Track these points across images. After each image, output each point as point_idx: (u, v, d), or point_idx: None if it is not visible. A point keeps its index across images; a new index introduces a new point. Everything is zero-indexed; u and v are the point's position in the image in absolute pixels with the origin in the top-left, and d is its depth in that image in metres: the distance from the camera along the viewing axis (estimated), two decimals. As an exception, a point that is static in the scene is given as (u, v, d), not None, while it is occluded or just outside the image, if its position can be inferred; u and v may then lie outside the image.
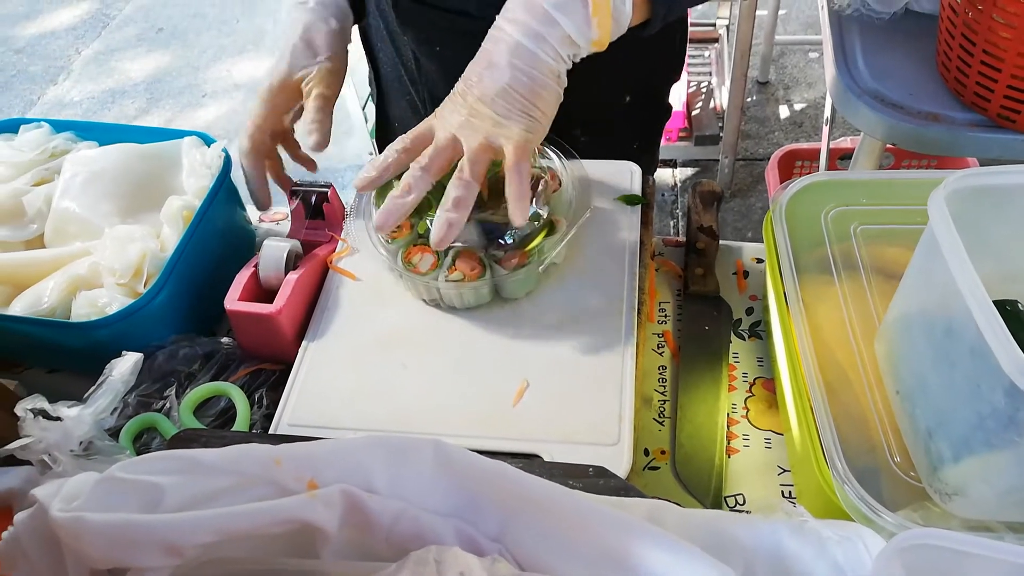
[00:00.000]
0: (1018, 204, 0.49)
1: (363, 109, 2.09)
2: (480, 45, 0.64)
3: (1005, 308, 0.48)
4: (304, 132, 0.74)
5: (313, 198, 0.76)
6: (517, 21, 0.60)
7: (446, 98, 0.64)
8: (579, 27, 0.60)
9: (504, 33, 0.60)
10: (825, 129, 1.40)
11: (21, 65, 3.06)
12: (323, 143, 0.74)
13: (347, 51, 0.80)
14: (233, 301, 0.69)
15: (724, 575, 0.45)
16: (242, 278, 0.71)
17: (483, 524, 0.49)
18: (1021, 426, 0.41)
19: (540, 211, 0.71)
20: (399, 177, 0.70)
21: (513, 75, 0.60)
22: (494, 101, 0.60)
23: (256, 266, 0.72)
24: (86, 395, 0.59)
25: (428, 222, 0.70)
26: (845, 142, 1.90)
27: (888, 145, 1.05)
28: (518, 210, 0.61)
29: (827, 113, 1.38)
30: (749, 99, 2.46)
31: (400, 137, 0.66)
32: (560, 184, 0.75)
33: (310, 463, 0.48)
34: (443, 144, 0.62)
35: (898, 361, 0.53)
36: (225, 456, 0.47)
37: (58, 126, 0.85)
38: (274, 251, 0.72)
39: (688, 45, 1.03)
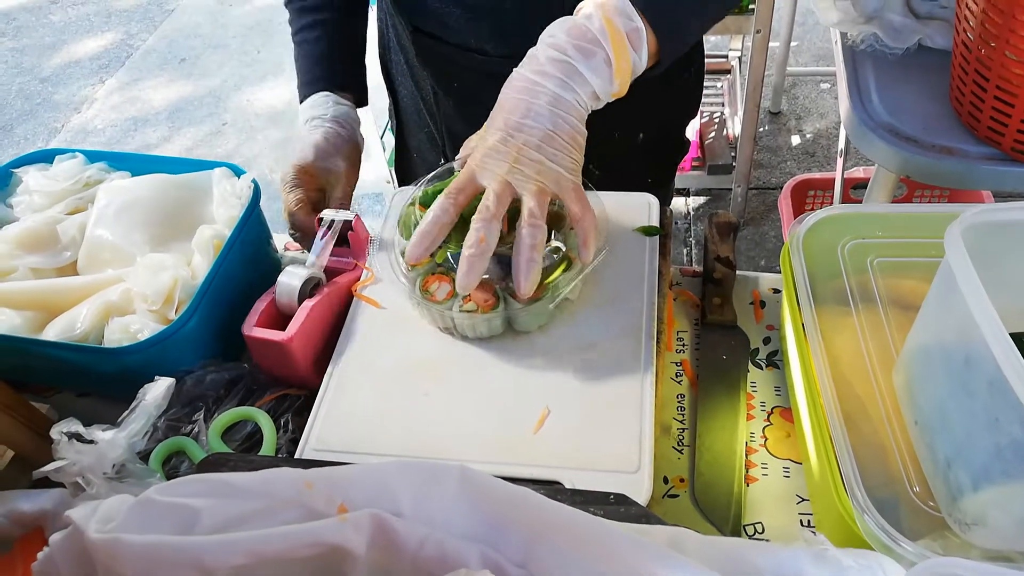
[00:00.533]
0: (1033, 239, 0.51)
1: (381, 138, 2.12)
2: (496, 82, 0.66)
3: (1022, 341, 0.49)
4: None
5: (339, 226, 0.78)
6: (551, 76, 0.63)
7: (483, 145, 0.65)
8: (604, 86, 0.64)
9: (540, 86, 0.63)
10: (839, 161, 1.41)
11: (46, 94, 3.13)
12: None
13: (360, 156, 0.88)
14: (250, 327, 0.71)
15: (746, 602, 0.46)
16: (260, 304, 0.73)
17: (508, 549, 0.50)
18: (1039, 457, 0.42)
19: (559, 245, 0.73)
20: (423, 204, 0.72)
21: (555, 121, 0.63)
22: (541, 146, 0.63)
23: (275, 293, 0.74)
24: (120, 419, 0.61)
25: (449, 255, 0.72)
26: (858, 172, 1.91)
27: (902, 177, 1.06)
28: (589, 239, 0.67)
29: (841, 144, 1.40)
30: (761, 129, 2.48)
31: (444, 192, 0.67)
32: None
33: (340, 487, 0.49)
34: (499, 191, 0.64)
35: (916, 392, 0.54)
36: (257, 479, 0.48)
37: (92, 156, 0.88)
38: (290, 278, 0.74)
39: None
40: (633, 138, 0.97)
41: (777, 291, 0.83)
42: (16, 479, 0.69)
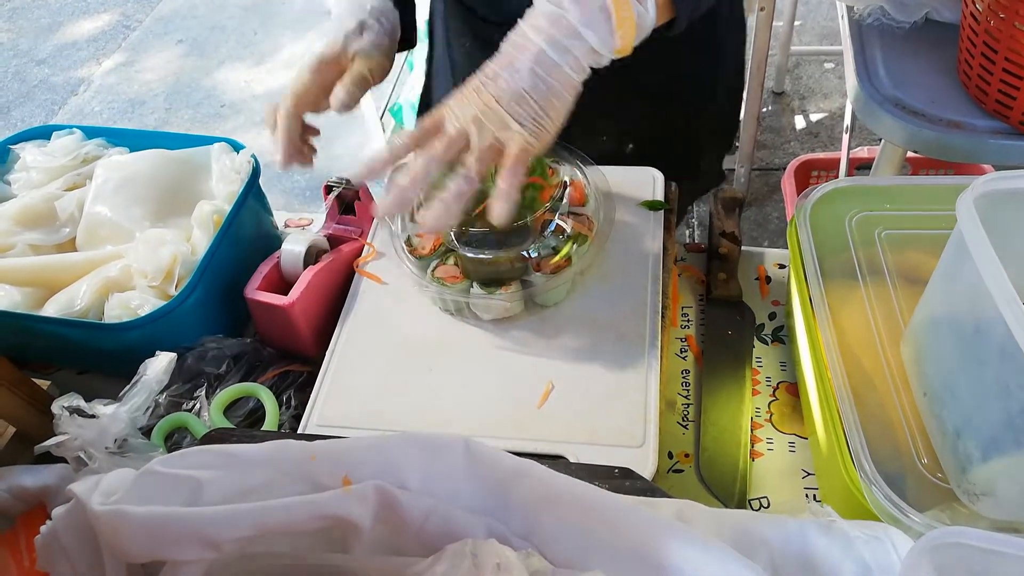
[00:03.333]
0: (1045, 207, 0.50)
1: (380, 118, 2.11)
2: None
3: (1033, 310, 0.49)
4: (337, 91, 0.72)
5: (346, 195, 0.78)
6: (542, 30, 0.60)
7: (458, 90, 0.63)
8: (603, 39, 0.60)
9: (529, 40, 0.61)
10: (845, 137, 1.40)
11: (43, 76, 3.10)
12: (349, 105, 0.72)
13: (395, 51, 0.79)
14: (252, 290, 0.71)
15: (752, 571, 0.46)
16: (264, 268, 0.73)
17: (513, 522, 0.50)
18: (1052, 425, 0.41)
19: (563, 223, 0.72)
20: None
21: (533, 81, 0.60)
22: (509, 104, 0.60)
23: (279, 258, 0.73)
24: (121, 393, 0.60)
25: (453, 234, 0.71)
26: (862, 152, 1.90)
27: (908, 154, 1.05)
28: (501, 209, 0.60)
29: (847, 121, 1.38)
30: (764, 109, 2.46)
31: (410, 126, 0.65)
32: (586, 196, 0.76)
33: (344, 459, 0.49)
34: (454, 136, 0.61)
35: (925, 363, 0.53)
36: (262, 451, 0.48)
37: (89, 132, 0.87)
38: (294, 244, 0.73)
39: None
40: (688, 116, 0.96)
41: (783, 267, 0.82)
42: (18, 455, 0.68)
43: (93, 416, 0.59)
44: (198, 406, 0.68)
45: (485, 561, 0.38)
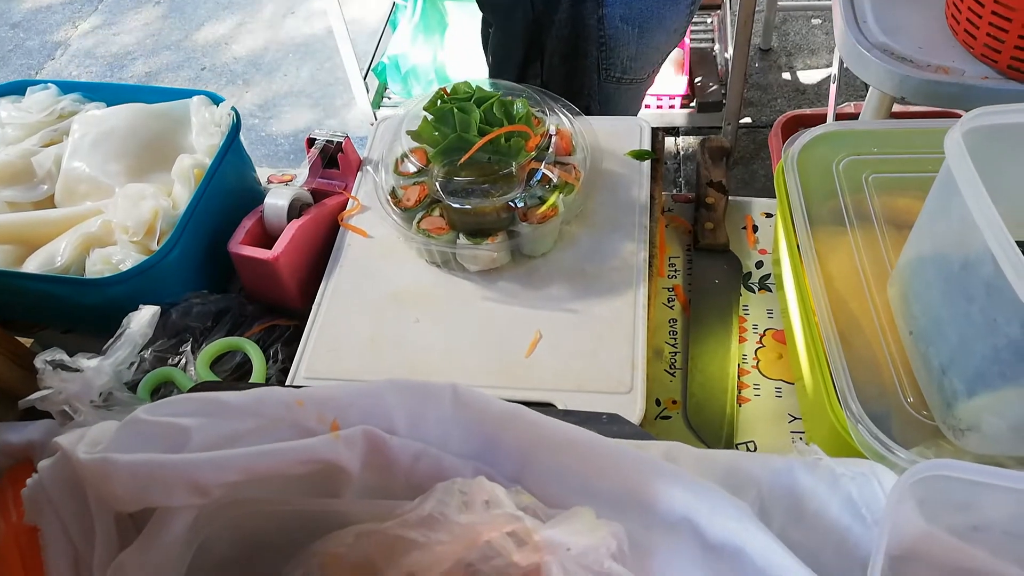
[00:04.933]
0: (1033, 144, 0.49)
1: (364, 78, 2.08)
2: None
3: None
4: None
5: (329, 148, 0.77)
6: None
7: None
8: None
9: None
10: (832, 88, 1.39)
11: (18, 40, 3.03)
12: None
13: None
14: (236, 244, 0.70)
15: (740, 509, 0.46)
16: (247, 223, 0.72)
17: (502, 465, 0.50)
18: (1036, 358, 0.41)
19: (549, 173, 0.71)
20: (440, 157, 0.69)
21: None
22: None
23: (262, 212, 0.72)
24: (105, 347, 0.60)
25: (438, 183, 0.70)
26: (848, 107, 1.89)
27: (896, 103, 1.04)
28: None
29: (834, 71, 1.37)
30: (752, 66, 2.44)
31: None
32: (572, 145, 0.75)
33: (331, 405, 0.48)
34: None
35: (912, 301, 0.53)
36: (248, 398, 0.47)
37: (65, 87, 0.85)
38: (277, 198, 0.72)
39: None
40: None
41: (769, 215, 0.82)
42: (1, 414, 0.68)
43: (77, 370, 0.58)
44: (184, 361, 0.68)
45: (474, 498, 0.38)
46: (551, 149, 0.73)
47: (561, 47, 0.96)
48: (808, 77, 2.42)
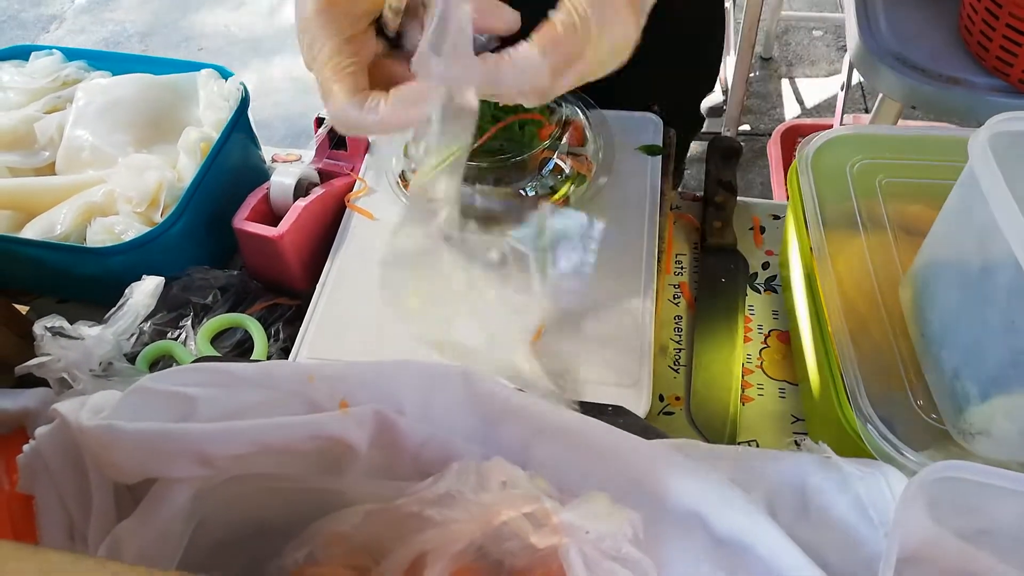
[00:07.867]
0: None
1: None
2: None
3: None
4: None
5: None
6: None
7: None
8: None
9: None
10: (841, 95, 1.40)
11: (12, 11, 2.99)
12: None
13: None
14: (241, 220, 0.69)
15: (750, 504, 0.46)
16: (252, 200, 0.71)
17: (510, 453, 0.49)
18: (1055, 362, 0.41)
19: (561, 164, 0.71)
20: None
21: None
22: None
23: (268, 189, 0.71)
24: (107, 316, 0.59)
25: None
26: (848, 121, 1.90)
27: (905, 113, 1.05)
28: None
29: (843, 78, 1.38)
30: (752, 74, 2.45)
31: None
32: (585, 136, 0.75)
33: (342, 382, 0.48)
34: None
35: (924, 304, 0.53)
36: (259, 370, 0.47)
37: (70, 54, 0.84)
38: (283, 177, 0.72)
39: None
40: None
41: (777, 217, 0.82)
42: (-4, 381, 0.66)
43: (77, 338, 0.57)
44: (184, 335, 0.67)
45: (491, 478, 0.38)
46: (564, 140, 0.73)
47: None
48: (807, 87, 2.44)
